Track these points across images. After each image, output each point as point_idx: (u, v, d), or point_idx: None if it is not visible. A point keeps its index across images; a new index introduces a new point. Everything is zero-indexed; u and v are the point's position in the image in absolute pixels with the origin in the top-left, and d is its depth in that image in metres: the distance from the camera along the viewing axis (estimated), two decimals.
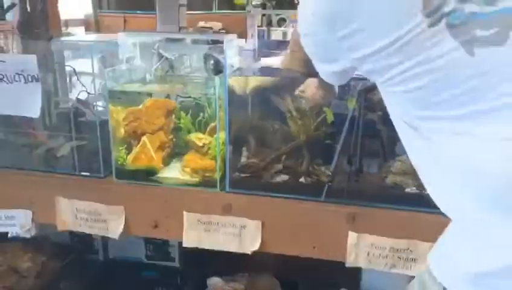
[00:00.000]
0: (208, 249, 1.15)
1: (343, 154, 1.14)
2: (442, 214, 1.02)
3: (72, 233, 1.64)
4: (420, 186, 1.08)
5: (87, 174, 1.24)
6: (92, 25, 3.12)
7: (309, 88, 1.12)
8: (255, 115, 1.25)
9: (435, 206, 1.03)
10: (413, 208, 1.05)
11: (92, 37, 2.49)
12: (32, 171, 1.27)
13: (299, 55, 0.91)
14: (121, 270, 1.68)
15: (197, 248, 1.16)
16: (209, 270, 1.54)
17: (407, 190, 1.09)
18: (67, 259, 1.57)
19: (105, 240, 1.68)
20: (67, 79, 1.42)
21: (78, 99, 1.26)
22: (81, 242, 1.68)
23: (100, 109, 1.29)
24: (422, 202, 1.06)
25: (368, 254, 1.06)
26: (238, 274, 1.55)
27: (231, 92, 1.10)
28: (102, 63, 1.29)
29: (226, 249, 1.14)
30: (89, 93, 1.24)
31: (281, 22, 3.92)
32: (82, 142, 1.28)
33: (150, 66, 1.29)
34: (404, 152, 0.82)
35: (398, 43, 0.65)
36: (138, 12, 3.20)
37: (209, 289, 1.52)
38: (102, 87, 1.22)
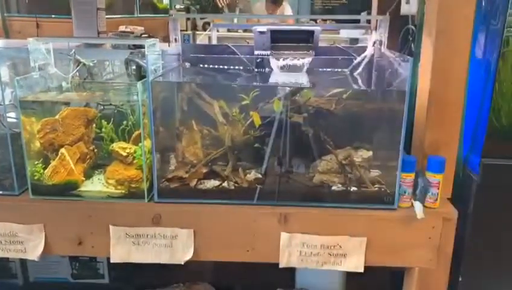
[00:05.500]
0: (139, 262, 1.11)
1: (272, 156, 1.16)
2: (367, 209, 1.07)
3: None
4: (345, 183, 1.13)
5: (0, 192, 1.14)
6: (0, 29, 2.90)
7: None
8: (182, 121, 1.22)
9: (359, 202, 1.09)
10: (339, 204, 1.08)
11: (0, 42, 2.30)
12: None
13: None
14: None
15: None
16: (142, 284, 1.49)
17: (333, 187, 1.12)
18: None
19: (24, 262, 1.56)
20: None
21: None
22: None
23: (11, 120, 1.19)
24: (348, 198, 1.10)
25: (300, 253, 1.08)
26: (172, 285, 1.51)
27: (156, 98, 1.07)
28: (13, 71, 1.19)
29: (157, 262, 1.10)
30: None
31: (206, 26, 3.91)
32: None
33: (66, 73, 1.21)
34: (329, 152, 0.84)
35: None
36: (53, 16, 3.03)
37: None
38: (13, 97, 1.13)
